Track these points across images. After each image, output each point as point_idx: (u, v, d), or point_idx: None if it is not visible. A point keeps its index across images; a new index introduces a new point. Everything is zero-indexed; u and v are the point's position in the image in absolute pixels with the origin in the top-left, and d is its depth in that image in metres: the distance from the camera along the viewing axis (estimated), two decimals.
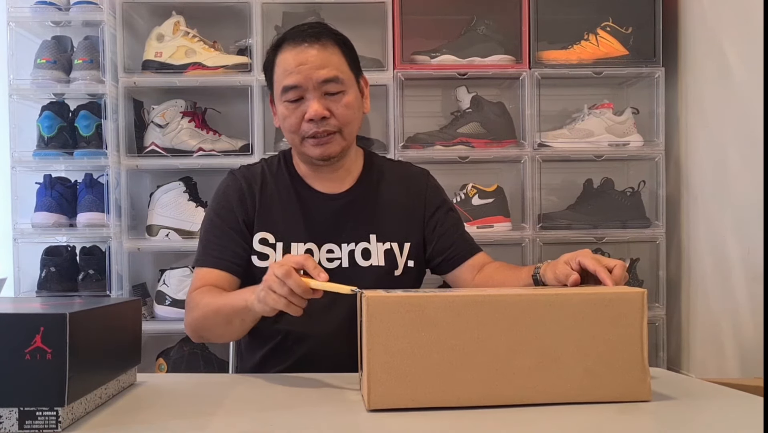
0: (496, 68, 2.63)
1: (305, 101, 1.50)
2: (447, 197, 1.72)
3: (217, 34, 2.68)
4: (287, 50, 1.52)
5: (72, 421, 0.99)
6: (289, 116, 1.52)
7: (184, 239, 2.56)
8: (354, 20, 2.70)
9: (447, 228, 1.65)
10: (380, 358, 1.06)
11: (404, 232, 1.61)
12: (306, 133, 1.51)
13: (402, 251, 1.59)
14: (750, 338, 2.18)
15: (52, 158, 2.53)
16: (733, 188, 2.30)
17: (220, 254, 1.55)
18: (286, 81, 1.50)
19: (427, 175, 1.72)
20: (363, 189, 1.62)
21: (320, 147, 1.52)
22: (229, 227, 1.56)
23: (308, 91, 1.49)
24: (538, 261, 2.61)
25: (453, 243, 1.64)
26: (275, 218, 1.57)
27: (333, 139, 1.52)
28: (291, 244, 1.55)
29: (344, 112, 1.51)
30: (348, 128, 1.54)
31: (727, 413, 1.12)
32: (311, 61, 1.49)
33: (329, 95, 1.50)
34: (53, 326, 0.94)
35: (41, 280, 2.52)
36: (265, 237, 1.56)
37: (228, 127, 2.70)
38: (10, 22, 2.54)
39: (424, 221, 1.64)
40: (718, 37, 2.39)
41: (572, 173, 2.80)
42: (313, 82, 1.48)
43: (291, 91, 1.50)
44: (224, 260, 1.55)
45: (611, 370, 1.10)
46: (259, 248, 1.56)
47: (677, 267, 2.66)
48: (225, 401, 1.16)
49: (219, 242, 1.56)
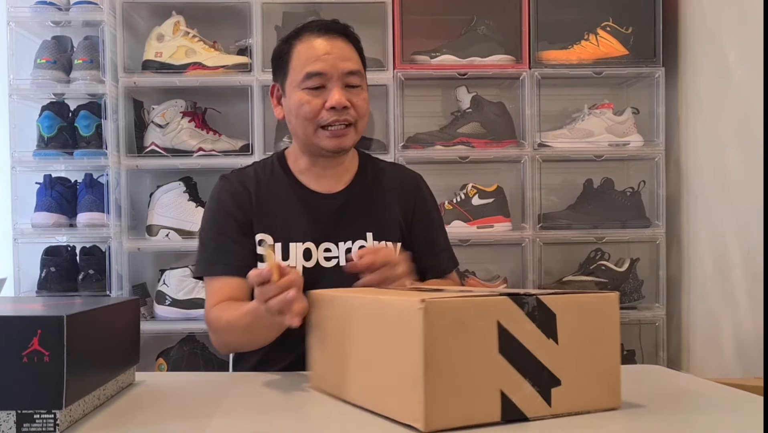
0: (496, 68, 2.63)
1: (326, 90, 1.50)
2: (437, 206, 1.73)
3: (217, 34, 2.68)
4: (312, 38, 1.52)
5: (70, 423, 0.99)
6: (307, 103, 1.50)
7: (184, 239, 2.56)
8: (354, 20, 2.66)
9: (432, 239, 1.67)
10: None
11: (397, 233, 1.62)
12: (324, 121, 1.50)
13: (396, 251, 1.59)
14: (750, 338, 2.18)
15: (52, 158, 2.53)
16: (733, 188, 2.30)
17: (228, 259, 1.53)
18: (312, 67, 1.49)
19: (419, 180, 1.72)
20: (359, 188, 1.62)
21: (335, 139, 1.52)
22: (229, 231, 1.55)
23: (331, 81, 1.50)
24: (538, 261, 2.61)
25: (433, 255, 1.66)
26: (273, 219, 1.56)
27: (348, 132, 1.53)
28: (290, 244, 1.55)
29: (363, 105, 1.53)
30: (362, 122, 1.55)
31: (727, 413, 1.11)
32: (337, 51, 1.51)
33: (350, 87, 1.51)
34: (50, 329, 0.94)
35: (41, 280, 2.53)
36: (263, 238, 1.55)
37: (228, 127, 2.70)
38: (10, 22, 2.54)
39: (411, 224, 1.65)
40: (718, 37, 2.39)
41: (572, 173, 2.80)
42: (337, 72, 1.49)
43: (315, 77, 1.50)
44: (234, 265, 1.52)
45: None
46: (259, 250, 1.55)
47: (677, 267, 2.66)
48: (225, 401, 1.16)
49: (224, 247, 1.54)
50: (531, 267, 2.60)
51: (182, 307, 2.54)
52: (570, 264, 2.77)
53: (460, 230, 2.58)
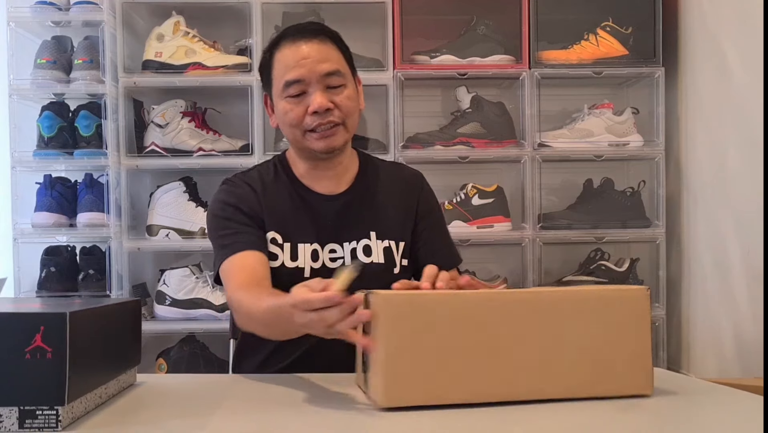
0: (496, 68, 2.63)
1: (307, 95, 1.50)
2: (438, 204, 1.73)
3: (217, 34, 2.68)
4: (287, 47, 1.52)
5: (72, 420, 0.99)
6: (291, 110, 1.51)
7: (184, 239, 2.56)
8: (354, 20, 2.70)
9: (434, 236, 1.66)
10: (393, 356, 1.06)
11: (400, 231, 1.62)
12: (309, 126, 1.51)
13: (398, 250, 1.60)
14: (750, 338, 2.18)
15: (52, 158, 2.53)
16: (733, 188, 2.30)
17: (245, 239, 1.51)
18: (289, 75, 1.50)
19: (421, 178, 1.72)
20: (361, 188, 1.62)
21: (324, 140, 1.52)
22: (239, 220, 1.54)
23: (311, 85, 1.50)
24: (538, 261, 2.61)
25: (435, 252, 1.64)
26: (282, 219, 1.56)
27: (337, 131, 1.52)
28: (298, 244, 1.55)
29: (347, 103, 1.52)
30: (350, 120, 1.54)
31: (727, 413, 1.12)
32: (312, 55, 1.50)
33: (331, 88, 1.51)
34: (53, 326, 0.94)
35: (41, 280, 2.53)
36: (274, 237, 1.55)
37: (228, 127, 2.70)
38: (10, 22, 2.54)
39: (414, 222, 1.65)
40: (718, 37, 2.39)
41: (572, 173, 2.80)
42: (315, 76, 1.49)
43: (294, 85, 1.50)
44: (248, 242, 1.50)
45: (617, 366, 1.13)
46: (270, 248, 1.55)
47: (677, 267, 2.66)
48: (225, 401, 1.16)
49: (238, 234, 1.52)
50: (531, 267, 2.61)
51: (182, 307, 2.54)
52: (570, 264, 2.77)
53: (460, 230, 2.58)
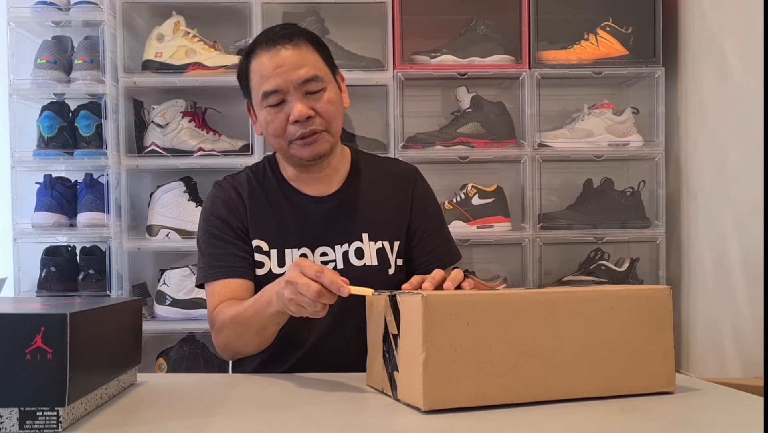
0: (496, 68, 2.63)
1: (287, 104, 1.47)
2: (435, 199, 1.70)
3: (217, 34, 2.68)
4: (261, 55, 1.49)
5: (72, 421, 0.99)
6: (272, 121, 1.49)
7: (184, 239, 2.56)
8: (354, 20, 2.70)
9: (430, 233, 1.63)
10: (434, 358, 1.05)
11: (394, 231, 1.59)
12: (293, 135, 1.48)
13: (392, 250, 1.58)
14: (750, 338, 2.18)
15: (52, 158, 2.53)
16: (733, 188, 2.30)
17: (227, 262, 1.52)
18: (266, 86, 1.47)
19: (416, 173, 1.68)
20: (352, 189, 1.60)
21: (309, 147, 1.49)
22: (226, 236, 1.54)
23: (289, 93, 1.47)
24: (538, 261, 2.61)
25: (432, 250, 1.62)
26: (267, 225, 1.55)
27: (321, 138, 1.50)
28: (285, 250, 1.53)
29: (328, 108, 1.49)
30: (334, 124, 1.51)
31: (727, 413, 1.12)
32: (288, 62, 1.46)
33: (310, 94, 1.48)
34: (54, 326, 0.94)
35: (41, 280, 2.53)
36: (258, 245, 1.54)
37: (228, 127, 2.70)
38: (10, 22, 2.54)
39: (409, 219, 1.62)
40: (718, 38, 2.39)
41: (572, 173, 2.81)
42: (293, 84, 1.46)
43: (272, 95, 1.47)
44: (234, 268, 1.51)
45: (644, 363, 1.17)
46: (255, 256, 1.54)
47: (677, 267, 2.66)
48: (225, 401, 1.16)
49: (222, 252, 1.53)
50: (531, 267, 2.60)
51: (182, 307, 2.54)
52: (570, 264, 2.77)
53: (460, 230, 2.58)
